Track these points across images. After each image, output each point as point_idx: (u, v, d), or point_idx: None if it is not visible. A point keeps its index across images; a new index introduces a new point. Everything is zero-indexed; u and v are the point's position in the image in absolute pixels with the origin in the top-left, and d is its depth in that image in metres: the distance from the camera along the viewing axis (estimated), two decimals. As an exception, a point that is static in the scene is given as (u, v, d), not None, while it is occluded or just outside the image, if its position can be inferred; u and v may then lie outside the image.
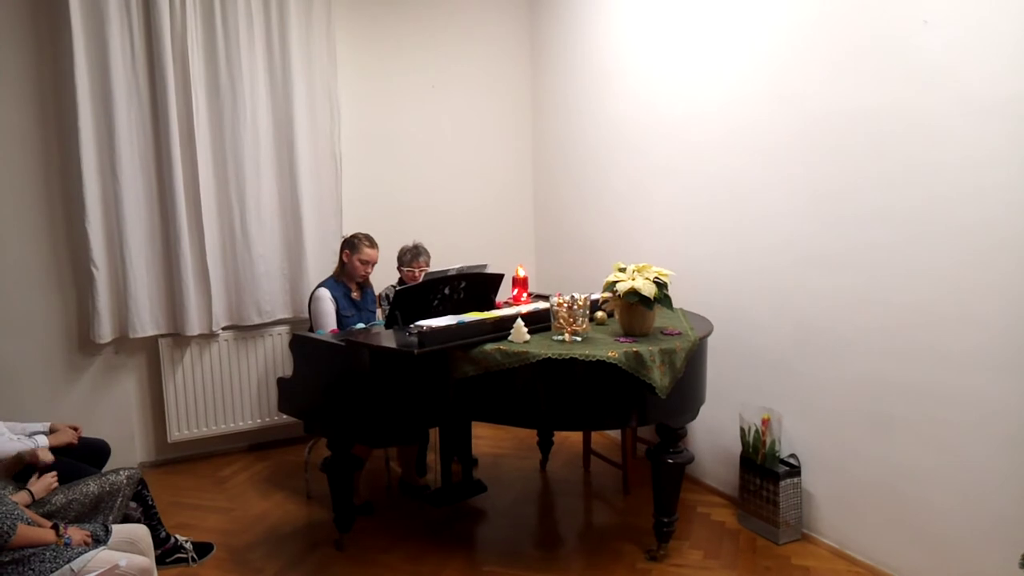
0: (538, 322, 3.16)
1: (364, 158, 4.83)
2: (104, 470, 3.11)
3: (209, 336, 4.38)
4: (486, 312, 3.30)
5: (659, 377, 2.87)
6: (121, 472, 2.95)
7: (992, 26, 2.50)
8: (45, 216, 4.04)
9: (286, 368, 4.28)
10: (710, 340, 3.28)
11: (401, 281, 4.21)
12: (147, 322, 4.20)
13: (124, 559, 2.42)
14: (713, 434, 3.86)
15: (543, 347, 2.91)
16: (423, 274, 3.94)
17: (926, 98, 2.71)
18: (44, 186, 4.03)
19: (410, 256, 4.17)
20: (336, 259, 4.17)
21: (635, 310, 3.04)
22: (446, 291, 3.40)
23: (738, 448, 3.52)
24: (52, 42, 3.96)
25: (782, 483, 3.28)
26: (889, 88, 2.84)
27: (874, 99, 2.90)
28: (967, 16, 2.56)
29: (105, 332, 4.10)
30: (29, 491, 2.68)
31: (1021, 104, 2.43)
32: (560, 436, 4.48)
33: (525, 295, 3.72)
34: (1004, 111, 2.48)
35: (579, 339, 3.00)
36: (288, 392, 3.51)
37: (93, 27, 3.93)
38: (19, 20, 3.91)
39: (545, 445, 4.33)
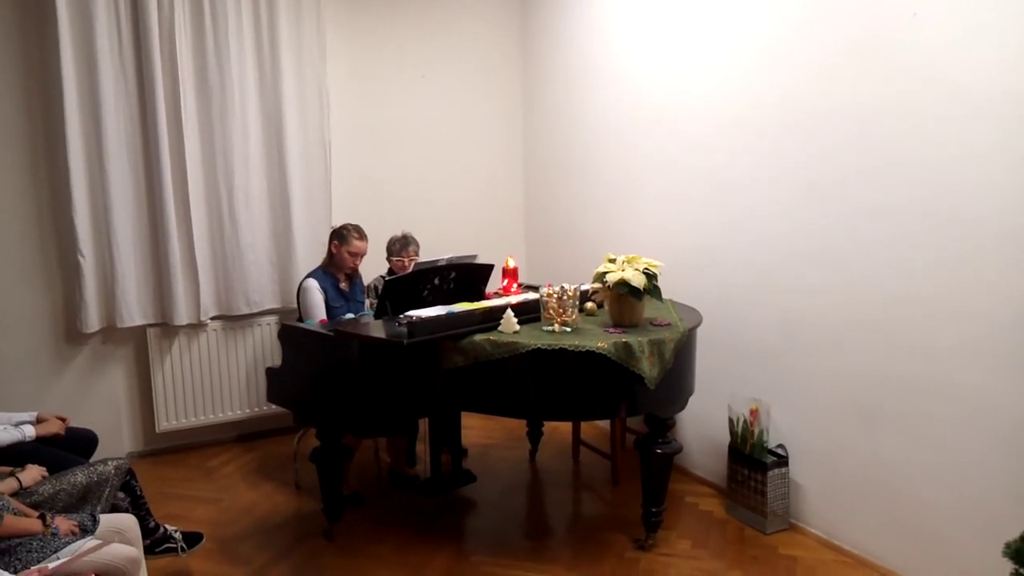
0: (528, 313, 3.16)
1: (354, 148, 4.81)
2: (92, 460, 3.10)
3: (197, 326, 4.36)
4: (476, 303, 3.30)
5: (648, 368, 2.87)
6: (109, 462, 2.93)
7: (987, 23, 2.50)
8: (32, 205, 4.00)
9: (275, 358, 4.26)
10: (700, 331, 3.29)
11: (390, 271, 4.20)
12: (135, 312, 4.18)
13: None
14: (702, 424, 3.87)
15: (533, 338, 2.92)
16: (412, 264, 3.94)
17: (919, 93, 2.71)
18: (31, 176, 3.99)
19: (399, 246, 4.15)
20: (325, 249, 4.16)
21: (624, 301, 3.05)
22: (436, 281, 3.39)
23: (726, 438, 3.54)
24: (38, 31, 3.91)
25: (770, 473, 3.30)
26: (882, 83, 2.84)
27: (867, 94, 2.90)
28: (961, 12, 2.56)
29: (92, 322, 4.08)
30: (17, 478, 2.66)
31: (1014, 101, 2.44)
32: (549, 426, 4.49)
33: (515, 286, 3.72)
34: (997, 108, 2.48)
35: (568, 330, 3.01)
36: (277, 382, 3.51)
37: (79, 15, 3.88)
38: (4, 10, 3.85)
39: (534, 435, 4.34)
